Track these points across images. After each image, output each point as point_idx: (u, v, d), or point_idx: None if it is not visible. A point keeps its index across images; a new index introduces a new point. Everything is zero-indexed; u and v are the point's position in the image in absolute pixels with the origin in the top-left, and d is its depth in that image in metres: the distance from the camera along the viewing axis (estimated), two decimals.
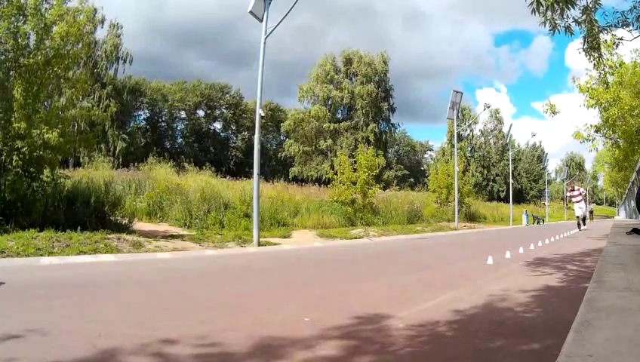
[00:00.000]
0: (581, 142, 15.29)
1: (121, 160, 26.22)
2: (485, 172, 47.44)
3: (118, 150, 30.24)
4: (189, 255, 6.62)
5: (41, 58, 6.82)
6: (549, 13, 4.25)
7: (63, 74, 7.36)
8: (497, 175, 47.50)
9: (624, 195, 42.62)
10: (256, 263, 5.43)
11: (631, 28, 4.95)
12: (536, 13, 4.25)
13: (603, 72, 13.68)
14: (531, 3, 4.31)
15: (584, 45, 4.78)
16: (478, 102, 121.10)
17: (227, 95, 45.16)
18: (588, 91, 14.10)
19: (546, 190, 46.53)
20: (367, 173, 15.30)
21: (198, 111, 43.62)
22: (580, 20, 4.50)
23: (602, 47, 5.05)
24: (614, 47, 11.20)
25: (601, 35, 4.82)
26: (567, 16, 4.35)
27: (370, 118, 40.85)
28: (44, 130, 6.85)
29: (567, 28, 4.44)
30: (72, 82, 7.59)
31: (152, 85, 39.61)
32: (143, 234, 7.31)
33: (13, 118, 6.70)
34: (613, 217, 51.06)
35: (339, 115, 41.99)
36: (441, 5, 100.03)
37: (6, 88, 6.70)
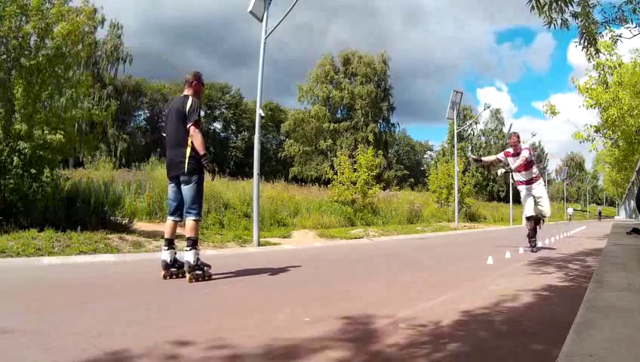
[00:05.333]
0: (581, 142, 15.30)
1: (123, 160, 26.27)
2: (486, 172, 47.47)
3: (119, 150, 30.30)
4: None
5: (42, 58, 6.82)
6: (546, 8, 4.26)
7: (64, 74, 7.37)
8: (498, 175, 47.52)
9: (624, 195, 42.60)
10: (256, 263, 5.43)
11: (630, 25, 4.95)
12: (535, 9, 4.26)
13: (602, 71, 13.72)
14: (529, 1, 4.32)
15: (581, 40, 4.78)
16: (480, 101, 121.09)
17: (227, 95, 45.21)
18: (587, 92, 14.11)
19: (546, 190, 46.37)
20: (367, 173, 15.32)
21: None
22: (576, 14, 4.50)
23: (599, 42, 5.04)
24: (613, 45, 11.20)
25: (598, 29, 4.82)
26: (565, 11, 4.36)
27: (370, 118, 40.89)
28: (47, 131, 6.86)
29: (564, 22, 4.45)
30: (73, 82, 7.59)
31: (152, 85, 39.65)
32: (143, 234, 7.31)
33: (14, 119, 6.71)
34: (614, 217, 51.06)
35: (339, 115, 42.03)
36: (442, 2, 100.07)
37: (8, 88, 6.70)
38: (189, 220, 4.28)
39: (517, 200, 6.88)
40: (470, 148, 47.67)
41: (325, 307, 3.18)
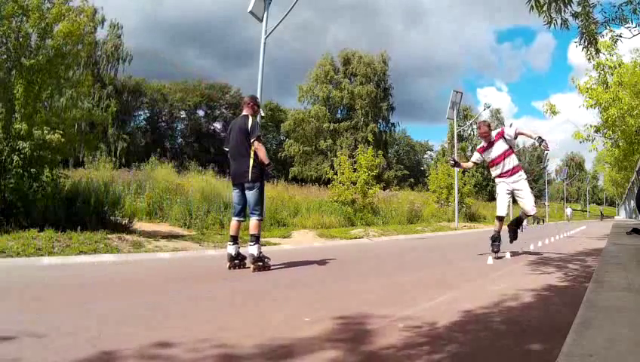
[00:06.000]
0: (581, 142, 15.32)
1: (123, 160, 26.26)
2: (486, 172, 47.43)
3: (119, 150, 30.29)
4: (189, 255, 6.63)
5: (43, 58, 6.82)
6: (546, 7, 4.27)
7: (64, 74, 7.36)
8: None
9: (624, 195, 42.61)
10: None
11: (630, 25, 4.96)
12: (534, 9, 4.27)
13: (602, 71, 13.73)
14: (528, 1, 4.32)
15: (581, 40, 4.78)
16: (480, 101, 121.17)
17: (227, 95, 45.13)
18: (587, 91, 14.11)
19: (546, 190, 46.50)
20: (367, 173, 15.31)
21: (198, 111, 43.65)
22: (576, 14, 4.51)
23: (599, 42, 5.05)
24: (613, 44, 11.21)
25: (598, 29, 4.82)
26: (565, 11, 4.36)
27: (370, 118, 40.86)
28: (47, 131, 6.85)
29: (564, 22, 4.46)
30: (73, 82, 7.59)
31: (152, 85, 39.62)
32: (143, 234, 7.31)
33: (14, 119, 6.70)
34: (614, 217, 51.06)
35: (339, 115, 42.00)
36: (442, 2, 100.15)
37: (8, 88, 6.70)
38: (253, 220, 5.01)
39: (516, 200, 6.34)
40: (470, 148, 47.61)
41: (325, 307, 3.18)
